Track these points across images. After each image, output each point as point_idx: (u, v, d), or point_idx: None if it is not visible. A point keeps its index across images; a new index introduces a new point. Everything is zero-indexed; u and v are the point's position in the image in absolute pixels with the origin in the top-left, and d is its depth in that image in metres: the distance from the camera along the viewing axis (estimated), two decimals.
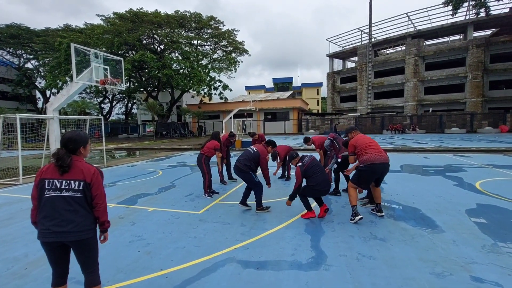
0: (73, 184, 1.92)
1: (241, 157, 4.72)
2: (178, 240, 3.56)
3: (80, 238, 1.93)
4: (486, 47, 31.61)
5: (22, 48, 36.08)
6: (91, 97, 42.77)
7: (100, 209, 2.01)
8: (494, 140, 17.70)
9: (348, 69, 45.03)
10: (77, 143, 2.03)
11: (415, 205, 4.85)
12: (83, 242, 1.96)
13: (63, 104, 9.23)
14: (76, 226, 1.91)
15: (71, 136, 2.02)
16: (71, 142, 2.01)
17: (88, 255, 2.01)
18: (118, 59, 10.59)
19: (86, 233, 1.95)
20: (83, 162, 2.03)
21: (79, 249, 1.97)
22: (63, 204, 1.90)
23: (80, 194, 1.93)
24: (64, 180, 1.92)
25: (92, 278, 2.03)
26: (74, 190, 1.92)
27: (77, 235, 1.91)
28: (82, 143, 2.06)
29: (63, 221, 1.89)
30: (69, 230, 1.89)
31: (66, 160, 1.93)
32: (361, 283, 2.54)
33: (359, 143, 4.28)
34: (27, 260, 3.12)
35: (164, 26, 29.14)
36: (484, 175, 7.24)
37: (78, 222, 1.92)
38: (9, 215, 4.83)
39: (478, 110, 31.14)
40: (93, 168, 2.01)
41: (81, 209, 1.94)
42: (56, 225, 1.89)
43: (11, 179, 8.08)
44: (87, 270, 2.02)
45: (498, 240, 3.37)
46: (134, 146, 20.90)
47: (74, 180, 1.93)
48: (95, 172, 2.00)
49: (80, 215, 1.94)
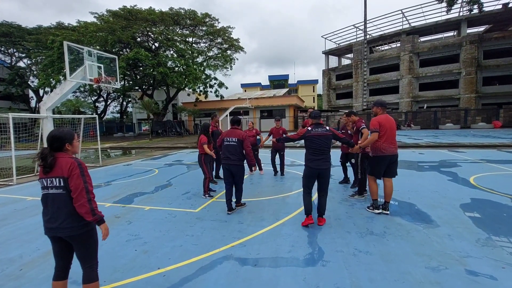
0: (55, 181, 1.92)
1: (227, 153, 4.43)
2: (175, 239, 3.55)
3: (70, 234, 1.95)
4: (480, 44, 31.85)
5: (13, 46, 35.45)
6: (86, 95, 42.24)
7: (77, 203, 1.91)
8: (488, 136, 17.92)
9: (343, 66, 45.09)
10: (61, 140, 1.99)
11: (411, 200, 4.90)
12: (75, 238, 1.98)
13: (56, 103, 9.12)
14: (63, 222, 1.93)
15: (55, 134, 1.99)
16: (55, 140, 1.98)
17: (83, 250, 2.03)
18: (112, 57, 10.48)
19: (75, 229, 1.95)
20: (66, 157, 1.96)
21: (74, 244, 2.01)
22: (51, 201, 1.95)
23: (62, 191, 1.93)
24: (48, 178, 1.94)
25: (88, 274, 2.05)
26: (56, 188, 1.93)
27: (66, 231, 1.94)
28: (67, 140, 2.02)
29: (52, 218, 1.94)
30: (57, 226, 1.93)
31: (48, 159, 1.92)
32: (358, 278, 2.57)
33: (383, 124, 4.11)
34: (22, 261, 3.09)
35: (158, 23, 28.86)
36: (478, 170, 7.33)
37: (65, 219, 1.93)
38: (3, 216, 4.77)
39: (472, 106, 31.44)
40: (70, 161, 1.94)
41: (66, 206, 1.94)
42: (48, 221, 1.96)
43: (4, 179, 7.98)
44: (84, 265, 2.05)
45: (492, 233, 3.42)
46: (130, 145, 20.75)
47: (55, 177, 1.92)
48: (72, 164, 1.92)
49: (66, 212, 1.94)
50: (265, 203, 4.94)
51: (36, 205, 5.35)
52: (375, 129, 4.14)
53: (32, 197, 5.99)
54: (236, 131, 4.55)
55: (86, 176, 1.97)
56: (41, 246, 3.45)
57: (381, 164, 4.20)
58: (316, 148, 3.75)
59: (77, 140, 2.15)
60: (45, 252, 3.28)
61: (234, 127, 4.64)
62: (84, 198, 1.93)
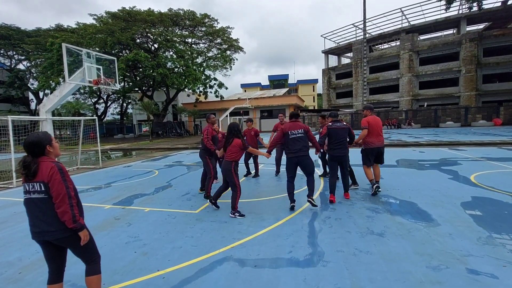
0: (36, 186, 1.91)
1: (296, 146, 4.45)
2: (175, 240, 3.54)
3: (58, 237, 1.94)
4: (479, 41, 31.81)
5: (13, 49, 35.46)
6: (85, 97, 42.26)
7: (59, 210, 1.88)
8: (488, 133, 17.89)
9: (343, 65, 45.08)
10: (41, 145, 1.96)
11: (411, 199, 4.88)
12: (65, 240, 1.97)
13: (56, 105, 9.12)
14: (49, 226, 1.92)
15: (32, 140, 1.94)
16: (34, 146, 1.94)
17: (79, 249, 2.03)
18: (111, 58, 10.48)
19: (62, 232, 1.94)
20: (46, 162, 1.94)
21: (67, 246, 2.01)
22: (33, 206, 1.94)
23: (44, 195, 1.91)
24: (30, 183, 1.92)
25: (91, 267, 2.09)
26: (38, 192, 1.92)
27: (53, 234, 1.93)
28: (47, 142, 1.99)
29: (36, 222, 1.94)
30: (43, 230, 1.93)
31: (32, 168, 1.89)
32: (359, 278, 2.55)
33: (371, 123, 5.19)
34: (21, 264, 3.08)
35: (157, 24, 28.87)
36: (478, 168, 7.31)
37: (49, 223, 1.92)
38: (3, 219, 4.77)
39: (472, 104, 31.40)
40: (50, 165, 1.91)
41: (48, 210, 1.92)
42: (33, 226, 1.96)
43: (4, 182, 7.98)
44: (85, 260, 2.08)
45: (493, 232, 3.40)
46: (130, 146, 20.76)
47: (37, 182, 1.91)
48: (52, 169, 1.90)
49: (49, 215, 1.92)
50: (265, 204, 4.93)
51: None
52: (364, 127, 5.21)
53: None
54: (299, 123, 4.58)
55: (68, 181, 1.94)
56: (40, 249, 3.41)
57: (370, 155, 5.27)
58: (336, 139, 4.80)
59: (56, 141, 2.11)
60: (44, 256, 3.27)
61: (294, 120, 4.64)
62: (66, 204, 1.90)
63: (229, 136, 4.46)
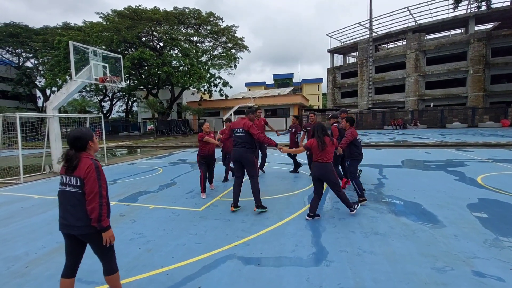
0: (73, 179, 1.97)
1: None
2: (178, 237, 3.56)
3: (83, 233, 1.99)
4: (488, 41, 31.34)
5: (21, 47, 35.94)
6: (91, 95, 42.66)
7: (89, 206, 1.93)
8: (496, 135, 17.63)
9: (348, 65, 44.79)
10: (84, 140, 2.04)
11: (416, 200, 4.83)
12: (90, 236, 2.01)
13: (62, 102, 9.22)
14: (77, 220, 1.97)
15: (75, 134, 2.02)
16: (78, 141, 2.02)
17: (98, 247, 2.07)
18: (117, 56, 10.54)
19: (88, 228, 1.98)
20: (85, 158, 2.01)
21: (89, 242, 2.05)
22: (66, 198, 2.00)
23: (78, 190, 1.97)
24: (68, 176, 2.00)
25: (108, 266, 2.12)
26: (73, 186, 1.98)
27: (79, 229, 1.98)
28: (89, 137, 2.07)
29: (66, 215, 1.99)
30: (71, 223, 1.98)
31: (74, 161, 1.97)
32: (362, 278, 2.54)
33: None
34: (27, 259, 3.13)
35: (163, 23, 28.98)
36: (485, 170, 7.21)
37: (78, 217, 1.97)
38: (10, 214, 4.84)
39: (480, 104, 30.97)
40: (88, 162, 1.97)
41: (80, 205, 1.97)
42: (62, 218, 2.01)
43: (11, 178, 8.10)
44: (102, 260, 2.11)
45: (499, 234, 3.36)
46: (135, 144, 20.91)
47: (74, 176, 1.97)
48: (90, 167, 1.95)
49: (79, 210, 1.97)
50: (268, 202, 4.93)
51: (43, 204, 5.42)
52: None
53: (38, 196, 6.07)
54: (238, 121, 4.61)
55: (102, 180, 1.99)
56: (47, 244, 3.49)
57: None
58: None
59: (96, 137, 2.21)
60: (50, 250, 3.32)
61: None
62: (96, 202, 1.94)
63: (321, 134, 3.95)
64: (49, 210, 4.94)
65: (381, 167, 8.01)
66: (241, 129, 4.45)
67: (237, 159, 4.47)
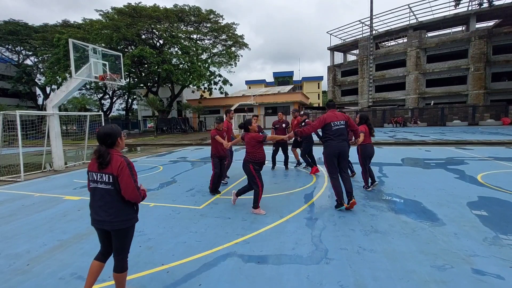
0: (105, 177, 2.04)
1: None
2: (179, 235, 3.57)
3: (113, 228, 2.08)
4: (489, 39, 31.20)
5: (21, 44, 35.85)
6: (91, 93, 42.58)
7: (130, 198, 2.06)
8: (496, 133, 17.61)
9: (349, 62, 44.65)
10: (114, 136, 2.10)
11: (416, 198, 4.84)
12: (118, 232, 2.10)
13: (62, 100, 9.21)
14: (109, 216, 2.06)
15: (106, 131, 2.08)
16: (108, 137, 2.08)
17: (121, 243, 2.15)
18: (117, 54, 10.52)
19: (119, 224, 2.08)
20: (115, 155, 2.07)
21: (115, 236, 2.13)
22: (98, 195, 2.08)
23: (111, 187, 2.04)
24: (99, 173, 2.06)
25: (121, 264, 2.19)
26: (105, 183, 2.05)
27: (110, 225, 2.07)
28: (118, 134, 2.13)
29: (98, 211, 2.07)
30: (103, 219, 2.07)
31: (106, 157, 2.03)
32: (362, 276, 2.55)
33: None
34: (29, 256, 3.14)
35: (163, 20, 28.88)
36: (485, 168, 7.21)
37: (110, 213, 2.06)
38: (11, 211, 4.85)
39: (480, 102, 30.90)
40: (119, 160, 2.04)
41: (113, 201, 2.06)
42: (94, 213, 2.11)
43: (12, 176, 8.11)
44: (118, 255, 2.17)
45: (499, 232, 3.36)
46: (135, 142, 20.92)
47: (105, 173, 2.04)
48: (121, 164, 2.03)
49: (112, 207, 2.06)
50: (269, 200, 4.93)
51: (43, 201, 5.43)
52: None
53: (39, 193, 6.08)
54: (339, 113, 4.41)
55: (135, 175, 2.10)
56: (48, 242, 3.50)
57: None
58: None
59: (124, 134, 2.27)
60: (51, 248, 3.33)
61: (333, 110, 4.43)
62: (135, 194, 2.06)
63: None
64: (49, 208, 4.95)
65: (381, 165, 8.01)
66: (342, 122, 4.30)
67: (341, 153, 4.25)
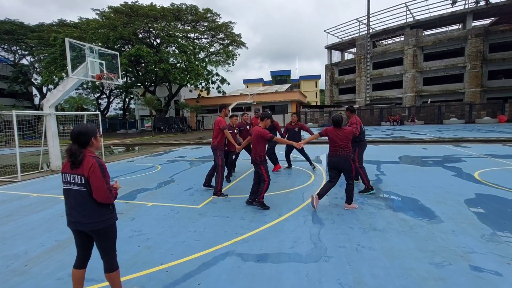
0: (77, 178, 1.99)
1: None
2: (178, 235, 3.56)
3: (91, 229, 2.03)
4: (485, 37, 31.35)
5: (16, 44, 35.49)
6: (88, 92, 42.37)
7: (102, 200, 2.00)
8: (493, 130, 17.73)
9: (346, 61, 44.71)
10: (87, 135, 2.04)
11: (414, 195, 4.86)
12: (97, 232, 2.06)
13: (59, 100, 9.14)
14: (84, 217, 2.01)
15: (80, 129, 2.03)
16: (82, 136, 2.02)
17: (104, 243, 2.11)
18: (114, 53, 10.45)
19: (93, 225, 2.02)
20: (88, 156, 2.01)
21: (95, 237, 2.09)
22: (72, 197, 2.03)
23: (83, 188, 1.99)
24: (72, 174, 2.01)
25: (109, 264, 2.16)
26: (78, 185, 2.00)
27: (87, 226, 2.02)
28: (93, 134, 2.07)
29: (72, 212, 2.03)
30: (78, 220, 2.02)
31: (78, 156, 1.97)
32: (361, 274, 2.56)
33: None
34: (27, 257, 3.12)
35: (160, 19, 28.74)
36: (482, 165, 7.25)
37: (85, 214, 2.01)
38: (8, 212, 4.82)
39: (477, 100, 31.06)
40: (91, 161, 1.98)
41: (86, 202, 2.01)
42: (69, 215, 2.06)
43: (9, 176, 8.05)
44: (104, 257, 2.14)
45: (497, 229, 3.39)
46: (133, 142, 20.84)
47: (78, 175, 1.99)
48: (93, 165, 1.96)
49: (85, 208, 2.01)
50: (267, 199, 4.92)
51: (41, 202, 5.40)
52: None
53: (36, 194, 6.04)
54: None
55: (107, 176, 2.04)
56: (46, 242, 3.48)
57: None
58: None
59: (99, 134, 2.21)
60: (49, 248, 3.31)
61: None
62: (105, 195, 2.00)
63: None
64: (47, 208, 4.93)
65: (379, 163, 8.03)
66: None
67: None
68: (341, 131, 4.27)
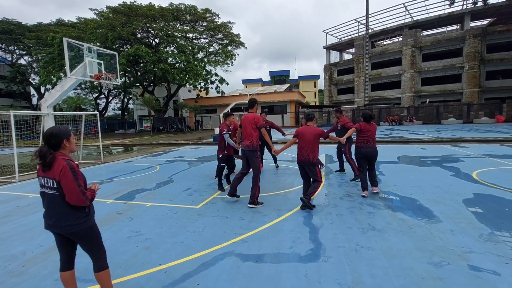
0: (50, 182, 1.94)
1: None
2: (176, 235, 3.55)
3: (68, 232, 1.99)
4: (483, 37, 31.46)
5: (14, 43, 35.33)
6: (87, 92, 42.19)
7: (75, 204, 1.94)
8: (491, 130, 17.79)
9: (345, 61, 44.75)
10: (59, 137, 1.98)
11: (413, 195, 4.87)
12: (75, 235, 2.02)
13: (57, 100, 9.12)
14: (59, 220, 1.97)
15: (52, 131, 1.98)
16: (53, 137, 1.97)
17: (87, 244, 2.09)
18: (112, 53, 10.44)
19: (68, 228, 1.98)
20: (59, 159, 1.95)
21: (76, 240, 2.06)
22: (47, 200, 2.00)
23: (55, 192, 1.94)
24: (45, 177, 1.96)
25: (98, 263, 2.13)
26: (50, 188, 1.95)
27: (63, 229, 1.98)
28: (65, 136, 2.01)
29: (49, 215, 1.99)
30: (54, 223, 1.98)
31: (47, 158, 1.92)
32: (360, 273, 2.56)
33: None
34: (24, 258, 3.10)
35: (158, 19, 28.68)
36: (480, 165, 7.28)
37: (59, 217, 1.97)
38: (6, 212, 4.80)
39: (475, 100, 31.17)
40: (62, 164, 1.91)
41: (60, 206, 1.96)
42: (46, 218, 2.02)
43: (7, 176, 8.02)
44: (92, 256, 2.12)
45: (495, 229, 3.40)
46: (131, 142, 20.79)
47: (49, 178, 1.94)
48: (63, 168, 1.90)
49: (59, 211, 1.96)
50: (266, 199, 4.93)
51: (39, 202, 5.36)
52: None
53: (34, 194, 6.01)
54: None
55: (79, 179, 1.97)
56: (44, 243, 3.46)
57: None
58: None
59: (73, 137, 2.14)
60: (47, 249, 3.30)
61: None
62: (80, 197, 1.94)
63: None
64: None
65: (377, 163, 8.04)
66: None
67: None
68: (372, 125, 4.99)
